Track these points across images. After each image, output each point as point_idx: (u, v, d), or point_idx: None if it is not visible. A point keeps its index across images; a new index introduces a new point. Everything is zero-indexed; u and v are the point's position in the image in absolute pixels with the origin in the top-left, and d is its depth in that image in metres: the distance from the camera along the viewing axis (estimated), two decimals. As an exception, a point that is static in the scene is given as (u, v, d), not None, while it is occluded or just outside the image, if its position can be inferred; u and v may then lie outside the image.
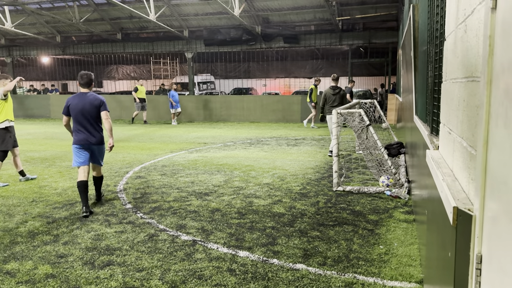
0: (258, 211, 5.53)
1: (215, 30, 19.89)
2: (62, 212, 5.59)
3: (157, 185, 7.02)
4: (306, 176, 7.57)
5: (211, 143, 12.16)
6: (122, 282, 3.59)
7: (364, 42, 18.96)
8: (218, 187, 6.85)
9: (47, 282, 3.60)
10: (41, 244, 4.46)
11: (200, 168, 8.35)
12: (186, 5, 18.78)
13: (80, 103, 5.64)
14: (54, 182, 7.32)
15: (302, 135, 13.88)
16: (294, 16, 18.90)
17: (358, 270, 3.76)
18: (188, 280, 3.61)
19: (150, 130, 15.88)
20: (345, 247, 4.29)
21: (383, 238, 4.53)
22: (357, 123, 6.87)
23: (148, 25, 20.54)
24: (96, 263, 3.98)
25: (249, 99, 20.18)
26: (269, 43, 19.83)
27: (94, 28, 20.80)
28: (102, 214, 5.48)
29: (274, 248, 4.29)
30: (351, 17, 17.76)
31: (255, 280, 3.59)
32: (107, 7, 19.37)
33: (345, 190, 6.49)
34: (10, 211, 5.64)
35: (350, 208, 5.65)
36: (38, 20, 20.74)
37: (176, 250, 4.26)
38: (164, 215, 5.40)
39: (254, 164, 8.76)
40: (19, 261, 4.03)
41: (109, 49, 22.19)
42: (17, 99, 23.27)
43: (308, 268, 3.81)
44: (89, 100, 5.67)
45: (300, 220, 5.17)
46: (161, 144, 12.03)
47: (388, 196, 6.19)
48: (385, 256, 4.06)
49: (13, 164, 7.45)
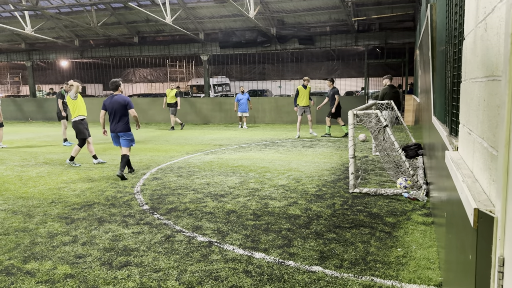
0: (273, 213, 5.52)
1: (230, 32, 19.96)
2: (80, 213, 5.67)
3: (173, 186, 7.07)
4: (322, 178, 7.52)
5: (227, 144, 12.19)
6: (140, 282, 3.62)
7: (380, 42, 18.77)
8: (234, 188, 6.86)
9: (66, 282, 3.66)
10: (60, 245, 4.53)
11: (216, 170, 8.38)
12: (202, 8, 18.90)
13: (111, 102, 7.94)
14: (72, 183, 7.44)
15: (317, 137, 13.81)
16: (309, 18, 18.84)
17: (375, 273, 3.71)
18: (205, 281, 3.62)
19: (166, 133, 16.01)
20: (362, 249, 4.25)
21: (401, 241, 4.47)
22: (373, 124, 6.80)
23: (164, 28, 20.74)
24: (113, 263, 4.02)
25: (264, 101, 20.18)
26: (284, 44, 19.80)
27: (111, 32, 21.11)
28: (120, 215, 5.55)
29: (290, 250, 4.27)
30: (367, 17, 17.60)
31: (271, 282, 3.58)
32: (124, 11, 19.63)
33: (362, 192, 6.42)
34: (30, 212, 5.75)
35: (367, 210, 5.59)
36: (57, 24, 21.14)
37: (192, 251, 4.28)
38: (181, 216, 5.43)
39: (270, 165, 8.75)
40: (39, 261, 4.10)
41: (126, 52, 22.47)
42: (36, 102, 23.76)
43: (324, 270, 3.79)
44: (116, 100, 7.90)
45: (316, 222, 5.14)
46: (177, 146, 12.12)
47: (406, 198, 6.10)
48: (403, 259, 4.01)
49: (88, 150, 9.51)
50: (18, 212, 5.73)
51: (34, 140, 14.16)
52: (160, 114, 20.90)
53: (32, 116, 23.50)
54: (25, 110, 23.69)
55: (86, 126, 9.34)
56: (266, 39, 19.62)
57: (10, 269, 3.93)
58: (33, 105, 23.70)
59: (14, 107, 24.13)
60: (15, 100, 25.10)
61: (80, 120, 9.27)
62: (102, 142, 12.97)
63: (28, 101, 24.20)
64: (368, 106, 8.78)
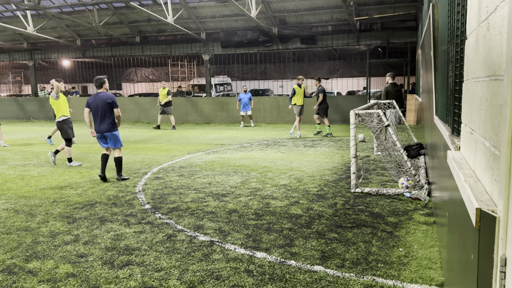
0: (275, 212, 5.52)
1: (231, 32, 19.96)
2: (82, 212, 5.68)
3: (175, 186, 7.08)
4: (324, 178, 7.52)
5: (228, 144, 12.20)
6: (141, 282, 3.63)
7: (382, 42, 18.74)
8: (235, 188, 6.86)
9: (68, 281, 3.66)
10: (62, 244, 4.54)
11: (217, 169, 8.39)
12: (203, 7, 18.90)
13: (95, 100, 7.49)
14: (74, 183, 7.45)
15: (319, 136, 13.80)
16: (311, 17, 18.82)
17: (377, 272, 3.71)
18: (206, 281, 3.62)
19: (168, 132, 16.02)
20: (364, 249, 4.25)
21: (402, 241, 4.46)
22: (375, 124, 6.79)
23: (166, 28, 20.74)
24: (115, 262, 4.03)
25: (266, 100, 20.18)
26: (286, 44, 19.78)
27: (113, 32, 21.12)
28: (121, 214, 5.56)
29: (292, 249, 4.27)
30: (369, 17, 17.57)
31: (273, 282, 3.58)
32: (126, 11, 19.64)
33: (363, 191, 6.42)
34: (32, 211, 5.77)
35: (368, 210, 5.58)
36: (59, 24, 21.16)
37: (194, 251, 4.28)
38: (182, 216, 5.43)
39: (271, 165, 8.75)
40: (41, 260, 4.11)
41: (128, 52, 22.49)
42: (38, 102, 23.79)
43: (326, 270, 3.78)
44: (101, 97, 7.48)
45: (318, 221, 5.14)
46: (178, 145, 12.13)
47: (407, 198, 6.10)
48: (405, 258, 4.00)
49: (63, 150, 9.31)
50: (20, 211, 5.74)
51: (35, 139, 14.18)
52: (161, 113, 20.91)
53: (34, 116, 23.54)
54: (27, 109, 23.73)
55: (71, 126, 9.35)
56: (267, 38, 19.61)
57: (12, 268, 3.94)
58: (35, 105, 23.74)
59: (16, 106, 24.18)
60: (17, 99, 25.16)
61: (63, 120, 9.27)
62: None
63: (30, 100, 24.24)
64: (370, 105, 8.77)
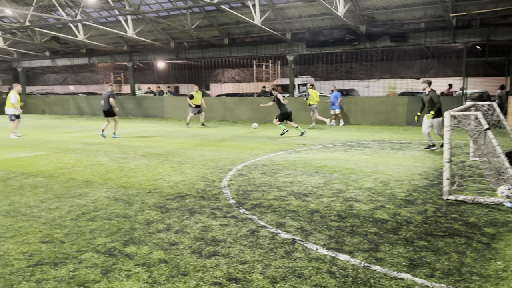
0: (359, 216, 5.38)
1: (317, 31, 19.79)
2: (173, 203, 6.06)
3: (258, 183, 7.23)
4: (413, 183, 7.16)
5: (310, 144, 12.14)
6: (226, 272, 3.78)
7: (481, 39, 17.27)
8: (317, 188, 6.82)
9: (160, 266, 3.94)
10: (155, 232, 4.89)
11: (299, 169, 8.40)
12: (290, 8, 19.01)
13: None
14: (167, 175, 7.96)
15: (407, 139, 13.15)
16: (402, 14, 17.98)
17: (471, 285, 3.45)
18: (288, 278, 3.66)
19: (252, 131, 16.39)
20: (456, 260, 3.97)
21: (501, 253, 4.10)
22: (473, 127, 6.30)
23: (253, 29, 21.22)
24: (203, 252, 4.24)
25: (350, 101, 19.71)
26: (374, 42, 19.12)
27: (204, 34, 22.15)
28: (209, 207, 5.82)
29: (377, 254, 4.14)
30: (467, 13, 16.30)
31: (356, 285, 3.50)
32: (216, 14, 20.48)
33: (458, 199, 5.99)
34: (130, 200, 6.28)
35: (462, 219, 5.20)
36: (155, 27, 22.72)
37: (276, 247, 4.34)
38: (265, 212, 5.54)
39: (355, 167, 8.54)
40: (137, 246, 4.47)
41: (217, 53, 23.42)
42: (135, 100, 25.76)
43: (414, 278, 3.61)
44: None
45: (406, 228, 4.91)
46: (261, 144, 12.35)
47: (508, 208, 5.57)
48: (503, 272, 3.67)
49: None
50: (120, 200, 6.29)
51: (133, 134, 15.41)
52: (245, 113, 21.48)
53: (132, 113, 25.51)
54: (126, 107, 25.78)
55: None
56: (354, 37, 19.12)
57: (112, 251, 4.34)
58: (133, 103, 25.72)
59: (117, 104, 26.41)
60: (117, 98, 27.49)
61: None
62: (197, 137, 13.66)
63: (128, 99, 26.33)
64: (467, 107, 8.16)
